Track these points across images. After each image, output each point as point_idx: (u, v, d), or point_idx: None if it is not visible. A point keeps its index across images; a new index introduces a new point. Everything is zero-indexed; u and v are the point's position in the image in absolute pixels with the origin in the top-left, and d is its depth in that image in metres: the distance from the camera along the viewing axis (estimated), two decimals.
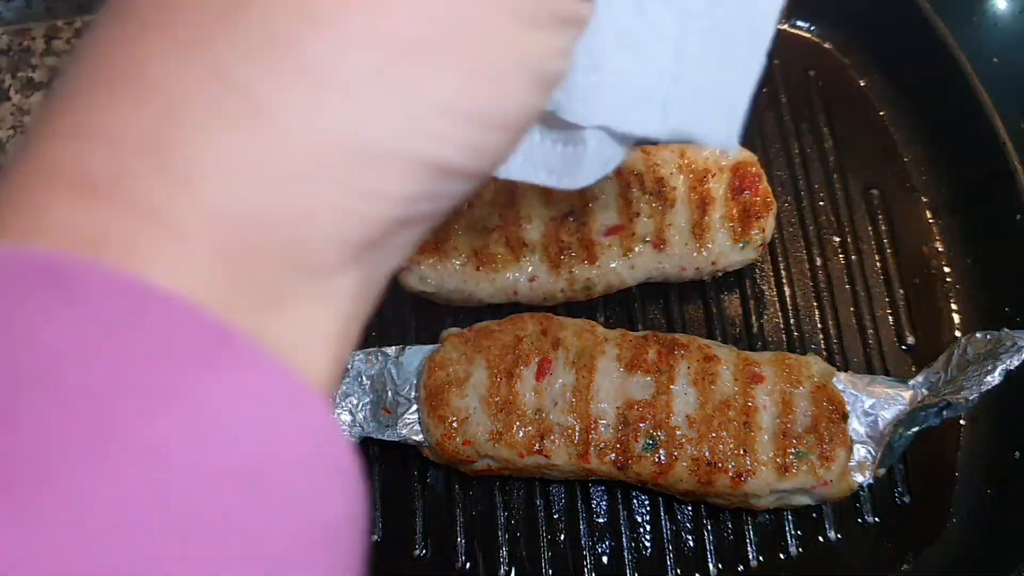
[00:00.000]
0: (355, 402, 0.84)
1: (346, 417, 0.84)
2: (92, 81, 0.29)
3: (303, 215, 0.29)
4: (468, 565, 0.84)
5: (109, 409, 0.25)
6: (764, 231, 0.90)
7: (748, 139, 1.00)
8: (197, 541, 0.25)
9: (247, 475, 0.27)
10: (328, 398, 0.31)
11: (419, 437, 0.82)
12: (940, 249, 0.98)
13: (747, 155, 0.92)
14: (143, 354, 0.26)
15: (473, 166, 0.33)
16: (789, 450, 0.78)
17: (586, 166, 0.45)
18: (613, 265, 0.89)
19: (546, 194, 0.91)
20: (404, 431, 0.83)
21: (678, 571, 0.84)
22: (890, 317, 0.95)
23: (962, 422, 0.90)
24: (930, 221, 1.00)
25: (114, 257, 0.27)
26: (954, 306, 0.96)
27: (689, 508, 0.86)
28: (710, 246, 0.89)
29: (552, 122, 0.44)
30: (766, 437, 0.79)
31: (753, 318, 0.95)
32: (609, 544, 0.85)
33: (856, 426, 0.80)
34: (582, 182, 0.45)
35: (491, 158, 0.33)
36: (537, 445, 0.79)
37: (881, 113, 1.05)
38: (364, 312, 0.33)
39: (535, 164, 0.46)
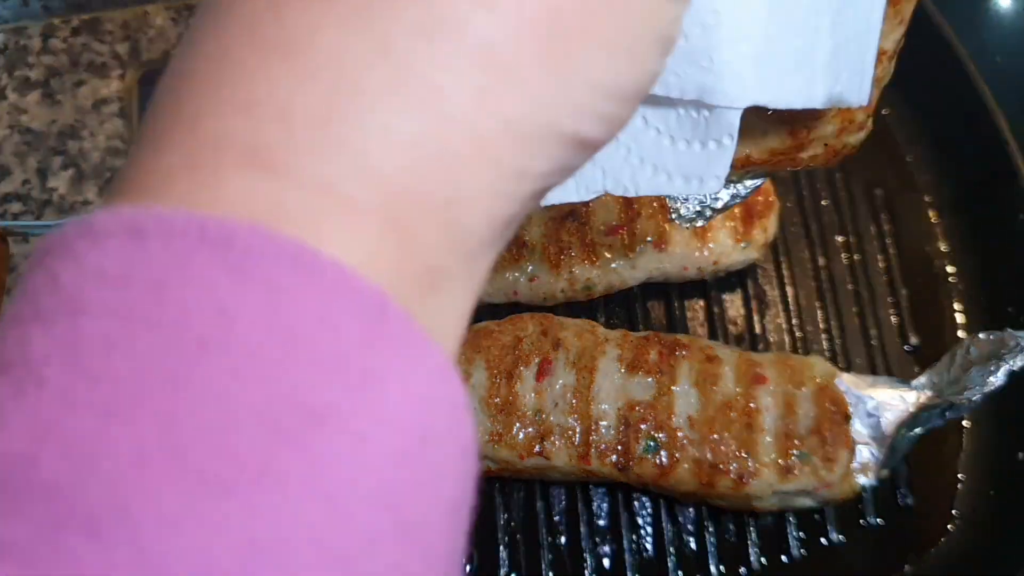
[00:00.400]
0: None
1: None
2: (251, 51, 0.29)
3: (463, 195, 0.29)
4: (467, 568, 0.84)
5: (276, 375, 0.25)
6: (766, 231, 0.90)
7: None
8: (362, 516, 0.25)
9: (405, 451, 0.27)
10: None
11: None
12: (943, 249, 0.98)
13: None
14: (307, 323, 0.26)
15: (604, 137, 0.34)
16: (791, 451, 0.77)
17: (722, 162, 0.43)
18: (614, 265, 0.89)
19: None
20: None
21: (680, 573, 0.83)
22: (893, 317, 0.95)
23: (965, 423, 0.89)
24: (933, 221, 0.99)
25: (289, 227, 0.27)
26: (957, 306, 0.95)
27: (691, 510, 0.85)
28: (712, 246, 0.89)
29: (682, 122, 0.42)
30: (768, 438, 0.78)
31: (755, 318, 0.94)
32: (610, 546, 0.84)
33: (859, 427, 0.79)
34: (717, 183, 0.43)
35: (618, 128, 0.34)
36: (537, 447, 0.78)
37: (883, 112, 1.05)
38: (482, 290, 0.34)
39: (669, 173, 0.44)
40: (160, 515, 0.23)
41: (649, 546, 0.85)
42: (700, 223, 0.60)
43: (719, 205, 0.59)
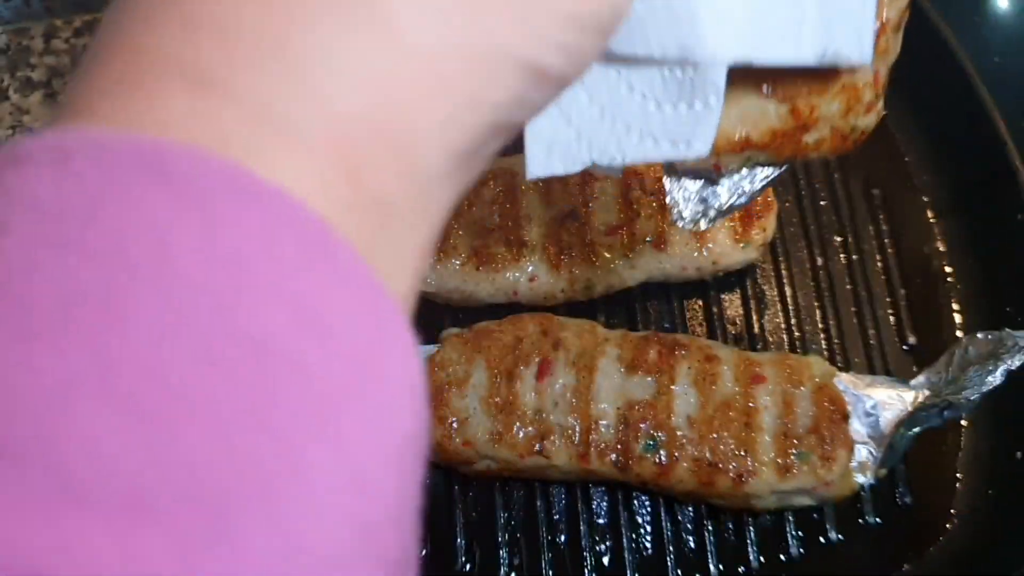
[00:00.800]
0: None
1: None
2: None
3: (415, 122, 0.29)
4: (468, 567, 0.84)
5: (213, 302, 0.24)
6: (765, 231, 0.90)
7: None
8: (300, 449, 0.24)
9: (348, 383, 0.26)
10: (408, 314, 0.30)
11: None
12: (941, 249, 0.98)
13: None
14: (245, 250, 0.25)
15: (566, 71, 0.33)
16: (790, 451, 0.78)
17: (710, 122, 0.42)
18: (613, 265, 0.89)
19: (547, 193, 0.91)
20: None
21: (679, 572, 0.83)
22: (891, 317, 0.95)
23: (963, 422, 0.90)
24: (931, 221, 0.99)
25: (229, 152, 0.26)
26: (955, 306, 0.96)
27: (690, 509, 0.86)
28: (711, 246, 0.89)
29: (667, 85, 0.42)
30: (767, 438, 0.78)
31: (754, 318, 0.94)
32: (609, 545, 0.85)
33: (857, 426, 0.80)
34: (704, 146, 0.42)
35: (580, 64, 0.34)
36: (537, 446, 0.79)
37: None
38: (441, 227, 0.33)
39: (655, 138, 0.43)
40: (85, 440, 0.22)
41: (648, 545, 0.85)
42: (704, 225, 0.59)
43: (723, 203, 0.57)
